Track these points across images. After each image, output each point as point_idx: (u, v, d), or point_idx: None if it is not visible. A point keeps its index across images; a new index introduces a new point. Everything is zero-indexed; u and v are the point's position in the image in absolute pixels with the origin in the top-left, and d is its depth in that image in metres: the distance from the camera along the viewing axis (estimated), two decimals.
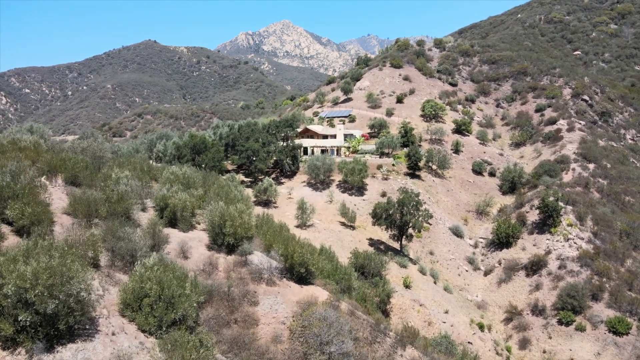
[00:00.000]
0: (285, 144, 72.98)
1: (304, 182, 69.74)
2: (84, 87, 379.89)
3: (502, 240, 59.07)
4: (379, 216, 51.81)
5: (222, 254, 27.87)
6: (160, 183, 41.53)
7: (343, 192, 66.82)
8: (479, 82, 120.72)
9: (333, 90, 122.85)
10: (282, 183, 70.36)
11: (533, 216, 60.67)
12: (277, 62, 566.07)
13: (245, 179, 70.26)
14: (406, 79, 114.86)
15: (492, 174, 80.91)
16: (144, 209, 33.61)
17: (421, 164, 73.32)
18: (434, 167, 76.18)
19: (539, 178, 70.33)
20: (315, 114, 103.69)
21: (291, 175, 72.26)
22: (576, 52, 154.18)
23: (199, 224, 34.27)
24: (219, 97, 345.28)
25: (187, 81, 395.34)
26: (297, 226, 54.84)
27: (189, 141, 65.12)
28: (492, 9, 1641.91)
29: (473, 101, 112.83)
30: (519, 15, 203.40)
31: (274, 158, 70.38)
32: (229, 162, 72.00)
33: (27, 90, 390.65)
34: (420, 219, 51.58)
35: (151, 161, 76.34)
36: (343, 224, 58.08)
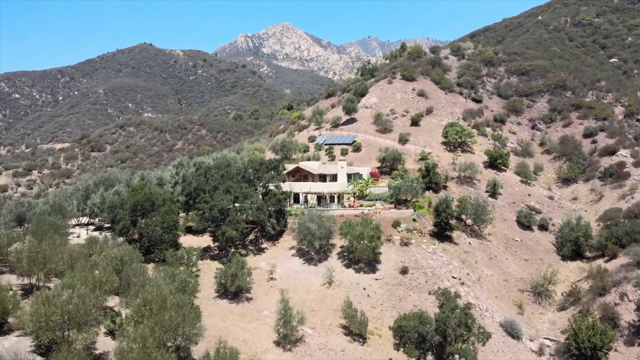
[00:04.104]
0: (267, 192, 53.38)
1: (293, 248, 50.38)
2: (76, 92, 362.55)
3: (584, 352, 39.68)
4: (406, 339, 32.52)
5: None
6: (32, 314, 23.83)
7: (347, 266, 47.55)
8: (508, 97, 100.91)
9: (333, 106, 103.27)
10: (263, 250, 50.94)
11: (629, 314, 41.23)
12: (277, 65, 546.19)
13: (212, 245, 50.89)
14: (421, 94, 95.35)
15: (543, 227, 61.40)
16: None
17: (452, 220, 54.00)
18: (469, 221, 56.89)
19: (618, 243, 50.81)
20: (312, 139, 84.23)
21: (276, 236, 52.79)
22: (612, 60, 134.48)
23: None
24: (215, 103, 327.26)
25: (183, 85, 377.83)
26: (278, 342, 35.73)
27: (129, 197, 45.69)
28: (496, 10, 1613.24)
29: (503, 122, 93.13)
30: (540, 18, 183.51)
31: (251, 218, 50.94)
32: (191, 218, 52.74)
33: (16, 95, 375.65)
34: (473, 344, 32.32)
35: (83, 218, 57.09)
36: (348, 329, 38.89)
